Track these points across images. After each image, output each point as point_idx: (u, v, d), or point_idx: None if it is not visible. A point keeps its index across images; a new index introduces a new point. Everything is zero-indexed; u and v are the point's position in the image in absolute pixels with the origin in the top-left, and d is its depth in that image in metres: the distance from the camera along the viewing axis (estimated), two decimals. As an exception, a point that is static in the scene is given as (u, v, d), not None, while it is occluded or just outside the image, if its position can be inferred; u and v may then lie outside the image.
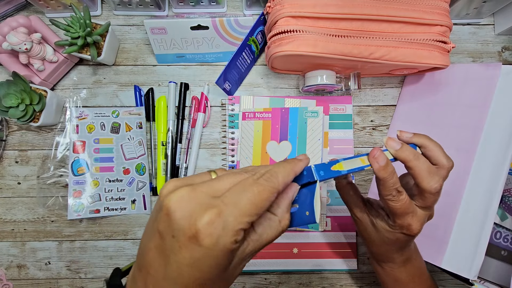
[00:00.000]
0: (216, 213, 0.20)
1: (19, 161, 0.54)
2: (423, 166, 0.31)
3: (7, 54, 0.50)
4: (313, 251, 0.52)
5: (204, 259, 0.20)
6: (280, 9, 0.42)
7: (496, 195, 0.42)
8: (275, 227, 0.25)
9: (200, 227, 0.20)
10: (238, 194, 0.21)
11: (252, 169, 0.25)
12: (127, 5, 0.53)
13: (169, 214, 0.20)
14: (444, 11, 0.43)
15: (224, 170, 0.26)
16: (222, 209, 0.20)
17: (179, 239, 0.20)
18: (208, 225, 0.20)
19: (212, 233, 0.20)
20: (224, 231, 0.20)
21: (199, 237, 0.19)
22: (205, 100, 0.53)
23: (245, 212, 0.21)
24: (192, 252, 0.20)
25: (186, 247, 0.20)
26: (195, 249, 0.20)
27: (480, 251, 0.41)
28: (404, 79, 0.55)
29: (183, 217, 0.20)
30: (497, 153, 0.43)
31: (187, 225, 0.20)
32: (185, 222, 0.20)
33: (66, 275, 0.53)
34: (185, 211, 0.20)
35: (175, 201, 0.21)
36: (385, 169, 0.30)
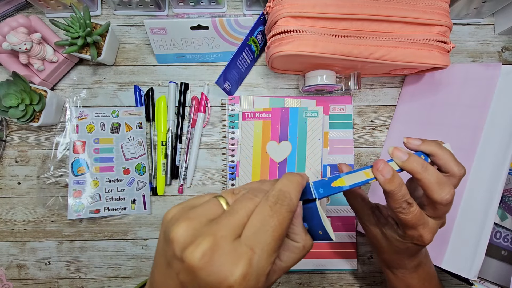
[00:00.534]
0: (247, 264, 0.19)
1: (19, 161, 0.54)
2: (433, 178, 0.30)
3: (7, 54, 0.50)
4: (313, 251, 0.52)
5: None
6: (280, 9, 0.42)
7: (496, 195, 0.42)
8: (300, 253, 0.25)
9: (233, 284, 0.19)
10: (260, 231, 0.20)
11: (260, 190, 0.24)
12: (127, 5, 0.53)
13: (195, 272, 0.19)
14: (444, 11, 0.43)
15: (231, 194, 0.24)
16: (251, 257, 0.19)
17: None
18: (242, 280, 0.19)
19: (247, 286, 0.19)
20: (258, 279, 0.20)
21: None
22: (205, 100, 0.53)
23: (272, 251, 0.20)
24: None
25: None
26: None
27: (480, 251, 0.41)
28: (404, 79, 0.55)
29: (211, 274, 0.19)
30: (497, 153, 0.43)
31: (217, 282, 0.19)
32: (215, 279, 0.19)
33: (66, 275, 0.53)
34: (213, 268, 0.19)
35: (199, 258, 0.19)
36: (391, 181, 0.29)
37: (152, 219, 0.54)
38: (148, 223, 0.53)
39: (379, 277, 0.53)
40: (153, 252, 0.54)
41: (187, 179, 0.53)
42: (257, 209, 0.22)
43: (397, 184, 0.29)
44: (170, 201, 0.54)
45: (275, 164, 0.52)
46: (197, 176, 0.54)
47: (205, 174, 0.54)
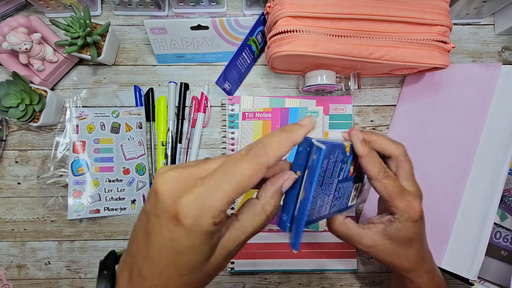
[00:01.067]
0: (196, 193, 0.20)
1: (19, 161, 0.54)
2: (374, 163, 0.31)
3: (7, 54, 0.50)
4: (313, 251, 0.52)
5: (183, 239, 0.20)
6: (280, 9, 0.42)
7: (496, 195, 0.42)
8: (258, 214, 0.23)
9: (179, 207, 0.19)
10: (221, 174, 0.20)
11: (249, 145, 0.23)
12: (127, 5, 0.53)
13: (156, 194, 0.20)
14: (444, 11, 0.43)
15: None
16: (202, 190, 0.20)
17: (161, 219, 0.20)
18: (186, 205, 0.19)
19: (190, 214, 0.19)
20: (202, 212, 0.19)
21: (179, 216, 0.19)
22: (205, 100, 0.53)
23: (225, 193, 0.20)
24: (172, 232, 0.20)
25: (166, 226, 0.20)
26: (175, 229, 0.19)
27: (480, 251, 0.41)
28: (404, 79, 0.55)
29: (167, 196, 0.20)
30: (497, 153, 0.43)
31: (169, 204, 0.20)
32: (168, 201, 0.20)
33: (66, 275, 0.53)
34: (170, 191, 0.20)
35: (162, 181, 0.20)
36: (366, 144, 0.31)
37: (152, 219, 0.53)
38: (148, 223, 0.53)
39: (379, 277, 0.53)
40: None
41: (187, 179, 0.53)
42: (229, 158, 0.21)
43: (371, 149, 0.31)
44: (170, 201, 0.54)
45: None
46: (197, 176, 0.54)
47: (205, 174, 0.54)
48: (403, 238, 0.34)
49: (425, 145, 0.50)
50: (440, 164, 0.48)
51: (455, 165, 0.46)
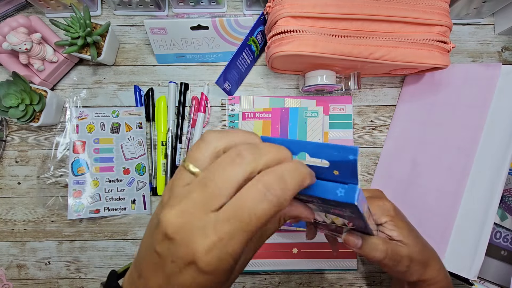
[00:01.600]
0: (214, 241, 0.18)
1: (19, 161, 0.54)
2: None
3: (7, 54, 0.50)
4: (313, 251, 0.52)
5: (206, 280, 0.19)
6: (280, 9, 0.42)
7: (496, 195, 0.42)
8: (275, 223, 0.24)
9: (197, 256, 0.18)
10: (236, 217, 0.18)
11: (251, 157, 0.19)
12: (127, 5, 0.53)
13: (167, 237, 0.19)
14: (444, 11, 0.43)
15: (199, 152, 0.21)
16: (220, 236, 0.18)
17: (178, 265, 0.19)
18: (206, 255, 0.18)
19: (211, 262, 0.18)
20: (222, 258, 0.19)
21: (198, 265, 0.18)
22: (205, 100, 0.53)
23: (243, 239, 0.19)
24: (193, 276, 0.19)
25: (186, 271, 0.19)
26: (195, 274, 0.19)
27: (480, 251, 0.41)
28: (404, 79, 0.55)
29: (181, 243, 0.19)
30: (497, 153, 0.43)
31: (185, 252, 0.19)
32: (183, 249, 0.19)
33: (66, 275, 0.53)
34: (182, 236, 0.19)
35: (170, 224, 0.19)
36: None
37: (152, 219, 0.53)
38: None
39: (379, 277, 0.53)
40: (153, 252, 0.53)
41: (187, 179, 0.53)
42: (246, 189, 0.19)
43: None
44: (170, 201, 0.54)
45: (275, 164, 0.52)
46: (197, 176, 0.54)
47: (205, 174, 0.54)
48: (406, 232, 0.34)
49: (425, 145, 0.50)
50: (440, 164, 0.48)
51: (455, 165, 0.46)
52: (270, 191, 0.19)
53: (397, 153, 0.52)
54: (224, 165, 0.19)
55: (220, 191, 0.19)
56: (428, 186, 0.46)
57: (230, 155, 0.20)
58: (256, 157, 0.19)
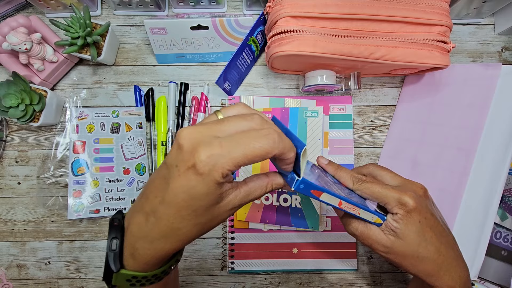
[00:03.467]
0: (212, 151, 0.23)
1: (19, 161, 0.54)
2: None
3: (7, 54, 0.50)
4: (313, 251, 0.52)
5: (197, 186, 0.23)
6: (280, 9, 0.42)
7: (496, 195, 0.42)
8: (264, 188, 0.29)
9: (197, 160, 0.23)
10: (237, 142, 0.23)
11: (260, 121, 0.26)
12: (127, 5, 0.53)
13: (179, 146, 0.24)
14: (444, 11, 0.43)
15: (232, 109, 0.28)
16: (217, 150, 0.23)
17: (180, 168, 0.23)
18: (204, 160, 0.23)
19: (206, 167, 0.23)
20: (215, 167, 0.23)
21: (196, 167, 0.23)
22: (205, 100, 0.53)
23: (235, 159, 0.23)
24: (188, 179, 0.23)
25: (184, 175, 0.23)
26: (191, 177, 0.23)
27: (480, 251, 0.41)
28: (404, 79, 0.55)
29: (187, 150, 0.23)
30: (497, 153, 0.43)
31: (188, 156, 0.23)
32: (188, 154, 0.23)
33: (66, 275, 0.53)
34: (190, 145, 0.23)
35: (184, 136, 0.24)
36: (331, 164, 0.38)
37: (152, 219, 0.53)
38: (148, 223, 0.53)
39: (379, 277, 0.53)
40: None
41: (187, 179, 0.53)
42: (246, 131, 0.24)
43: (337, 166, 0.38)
44: (170, 201, 0.54)
45: (275, 164, 0.52)
46: (197, 176, 0.54)
47: (205, 174, 0.54)
48: (411, 232, 0.33)
49: (425, 145, 0.50)
50: (440, 164, 0.48)
51: (455, 165, 0.46)
52: (267, 136, 0.24)
53: (397, 153, 0.52)
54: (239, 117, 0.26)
55: (229, 127, 0.25)
56: (428, 186, 0.46)
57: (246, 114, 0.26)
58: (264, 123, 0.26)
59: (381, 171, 0.38)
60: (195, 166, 0.23)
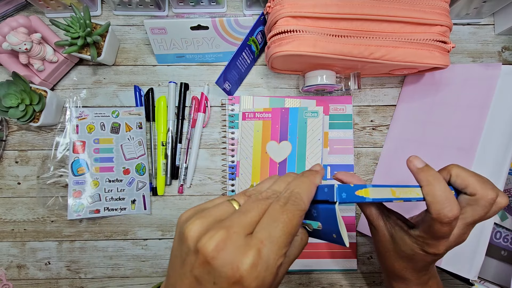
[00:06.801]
0: (256, 255, 0.20)
1: (19, 161, 0.54)
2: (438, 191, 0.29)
3: (7, 54, 0.50)
4: (313, 251, 0.52)
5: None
6: (280, 9, 0.42)
7: (496, 195, 0.41)
8: (298, 246, 0.26)
9: (244, 273, 0.20)
10: (271, 227, 0.21)
11: (272, 192, 0.25)
12: (127, 5, 0.53)
13: (208, 262, 0.20)
14: (444, 11, 0.43)
15: (243, 195, 0.26)
16: (260, 249, 0.20)
17: (222, 286, 0.20)
18: (252, 269, 0.20)
19: (258, 276, 0.20)
20: (268, 270, 0.20)
21: (244, 282, 0.20)
22: (205, 100, 0.53)
23: (282, 244, 0.21)
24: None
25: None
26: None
27: (480, 251, 0.41)
28: (404, 79, 0.55)
29: (224, 264, 0.20)
30: (497, 153, 0.43)
31: (230, 272, 0.20)
32: (227, 269, 0.20)
33: (66, 275, 0.53)
34: (225, 257, 0.20)
35: (212, 248, 0.20)
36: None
37: (152, 219, 0.54)
38: (148, 223, 0.53)
39: (379, 277, 0.53)
40: (153, 252, 0.54)
41: (187, 179, 0.53)
42: (269, 209, 0.23)
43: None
44: (170, 201, 0.54)
45: (275, 164, 0.52)
46: (197, 176, 0.54)
47: (205, 174, 0.54)
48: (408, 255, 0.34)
49: (425, 145, 0.50)
50: (440, 164, 0.47)
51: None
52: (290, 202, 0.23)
53: (397, 153, 0.52)
54: (258, 201, 0.24)
55: (254, 215, 0.23)
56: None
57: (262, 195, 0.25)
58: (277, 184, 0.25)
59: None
60: (242, 282, 0.20)
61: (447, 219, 0.29)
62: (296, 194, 0.24)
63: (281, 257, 0.21)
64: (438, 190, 0.29)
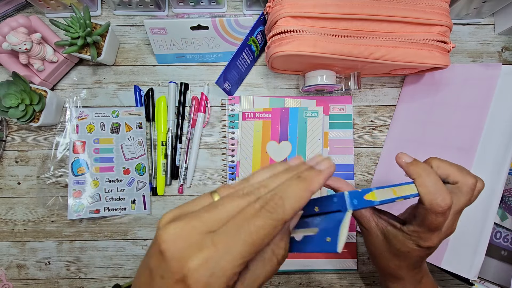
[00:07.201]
0: (205, 257, 0.18)
1: (19, 161, 0.54)
2: (431, 182, 0.29)
3: (7, 54, 0.50)
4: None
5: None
6: (280, 9, 0.42)
7: (496, 195, 0.42)
8: (269, 260, 0.22)
9: (187, 272, 0.18)
10: (234, 232, 0.19)
11: (257, 187, 0.21)
12: (127, 5, 0.53)
13: (161, 252, 0.19)
14: (444, 11, 0.43)
15: (227, 188, 0.23)
16: (212, 253, 0.18)
17: (167, 281, 0.18)
18: (196, 270, 0.18)
19: (200, 280, 0.18)
20: (214, 277, 0.18)
21: (187, 282, 0.18)
22: (205, 100, 0.53)
23: (237, 255, 0.18)
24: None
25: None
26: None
27: (480, 251, 0.41)
28: (404, 79, 0.55)
29: (173, 257, 0.18)
30: (497, 153, 0.43)
31: (176, 267, 0.18)
32: (174, 263, 0.18)
33: (66, 275, 0.53)
34: (176, 250, 0.18)
35: (167, 237, 0.19)
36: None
37: (152, 219, 0.54)
38: (148, 223, 0.53)
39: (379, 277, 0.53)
40: (153, 252, 0.54)
41: (187, 179, 0.53)
42: (243, 210, 0.20)
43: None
44: (170, 201, 0.54)
45: (275, 164, 0.52)
46: (197, 176, 0.54)
47: (205, 174, 0.54)
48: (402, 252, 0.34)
49: (425, 145, 0.50)
50: (440, 164, 0.48)
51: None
52: (265, 207, 0.19)
53: (397, 153, 0.52)
54: (237, 197, 0.21)
55: (224, 212, 0.20)
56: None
57: (244, 191, 0.21)
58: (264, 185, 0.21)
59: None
60: (185, 280, 0.18)
61: (440, 208, 0.29)
62: (277, 199, 0.20)
63: (235, 268, 0.18)
64: (429, 181, 0.30)
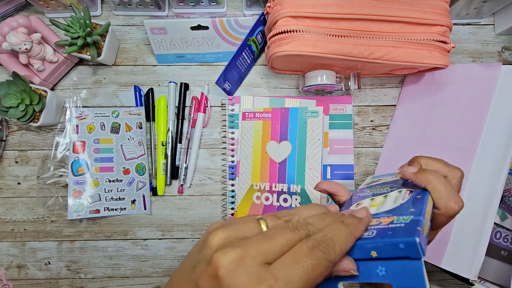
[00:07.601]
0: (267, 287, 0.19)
1: (19, 161, 0.54)
2: (442, 186, 0.30)
3: (7, 54, 0.50)
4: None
5: None
6: (280, 9, 0.42)
7: (496, 195, 0.42)
8: None
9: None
10: (291, 267, 0.20)
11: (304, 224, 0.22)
12: (127, 5, 0.53)
13: (217, 277, 0.19)
14: (444, 11, 0.43)
15: (274, 217, 0.24)
16: (272, 286, 0.19)
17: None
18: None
19: None
20: None
21: None
22: (205, 100, 0.53)
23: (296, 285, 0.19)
24: None
25: None
26: None
27: (480, 251, 0.41)
28: (404, 79, 0.55)
29: (230, 285, 0.19)
30: (497, 153, 0.43)
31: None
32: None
33: (66, 275, 0.53)
34: (235, 280, 0.19)
35: (225, 264, 0.19)
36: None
37: (152, 219, 0.54)
38: (148, 223, 0.53)
39: (379, 277, 0.53)
40: (153, 252, 0.54)
41: (187, 179, 0.53)
42: (296, 246, 0.21)
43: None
44: (170, 201, 0.54)
45: (275, 164, 0.52)
46: (197, 176, 0.54)
47: (205, 174, 0.54)
48: None
49: (425, 145, 0.50)
50: (440, 164, 0.47)
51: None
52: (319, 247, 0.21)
53: (397, 153, 0.52)
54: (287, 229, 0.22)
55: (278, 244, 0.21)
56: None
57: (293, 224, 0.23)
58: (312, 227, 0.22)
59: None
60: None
61: (453, 211, 0.29)
62: (328, 240, 0.21)
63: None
64: (440, 185, 0.30)
